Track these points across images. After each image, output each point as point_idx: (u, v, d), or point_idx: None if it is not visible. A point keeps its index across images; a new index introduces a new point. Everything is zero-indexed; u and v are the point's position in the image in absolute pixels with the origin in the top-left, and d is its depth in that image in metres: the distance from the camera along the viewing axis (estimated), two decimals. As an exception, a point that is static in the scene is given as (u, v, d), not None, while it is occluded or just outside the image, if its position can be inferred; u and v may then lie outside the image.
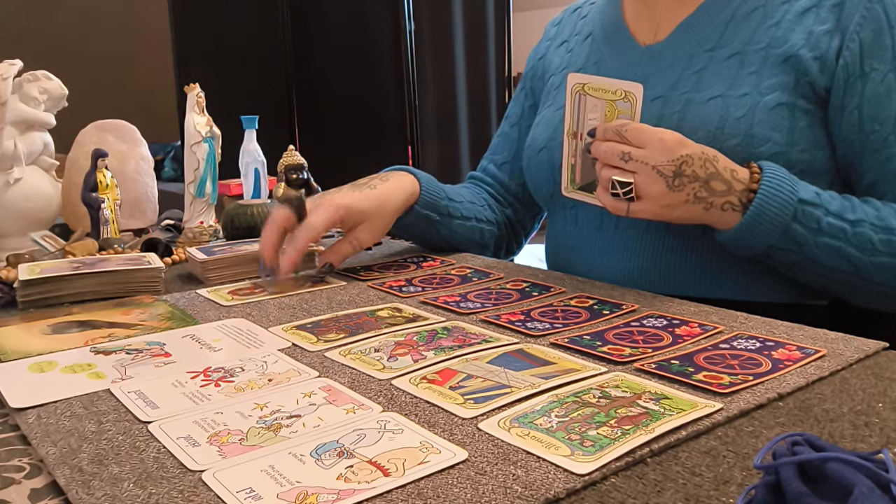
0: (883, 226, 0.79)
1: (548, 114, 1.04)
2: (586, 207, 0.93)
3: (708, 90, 0.86)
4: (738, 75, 0.85)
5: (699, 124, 0.84)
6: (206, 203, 1.15)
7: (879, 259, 0.79)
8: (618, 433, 0.48)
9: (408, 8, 2.59)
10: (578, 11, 1.12)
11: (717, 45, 0.89)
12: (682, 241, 0.87)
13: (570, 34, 1.10)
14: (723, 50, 0.88)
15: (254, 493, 0.43)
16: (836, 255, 0.78)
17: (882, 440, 0.48)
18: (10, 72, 1.13)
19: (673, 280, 0.87)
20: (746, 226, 0.78)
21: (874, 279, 0.79)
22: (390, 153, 2.64)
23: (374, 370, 0.61)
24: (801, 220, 0.77)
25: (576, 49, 1.06)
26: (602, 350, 0.64)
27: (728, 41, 0.88)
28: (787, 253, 0.79)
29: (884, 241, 0.79)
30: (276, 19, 2.54)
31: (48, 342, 0.71)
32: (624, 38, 0.98)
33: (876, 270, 0.79)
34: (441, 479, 0.44)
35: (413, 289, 0.87)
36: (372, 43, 2.61)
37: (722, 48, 0.88)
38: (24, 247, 1.10)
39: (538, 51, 1.16)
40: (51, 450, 0.49)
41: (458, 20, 2.76)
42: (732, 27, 0.89)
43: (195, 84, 1.14)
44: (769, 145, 0.82)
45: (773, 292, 0.86)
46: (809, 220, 0.77)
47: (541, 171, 1.01)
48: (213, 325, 0.76)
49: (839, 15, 0.83)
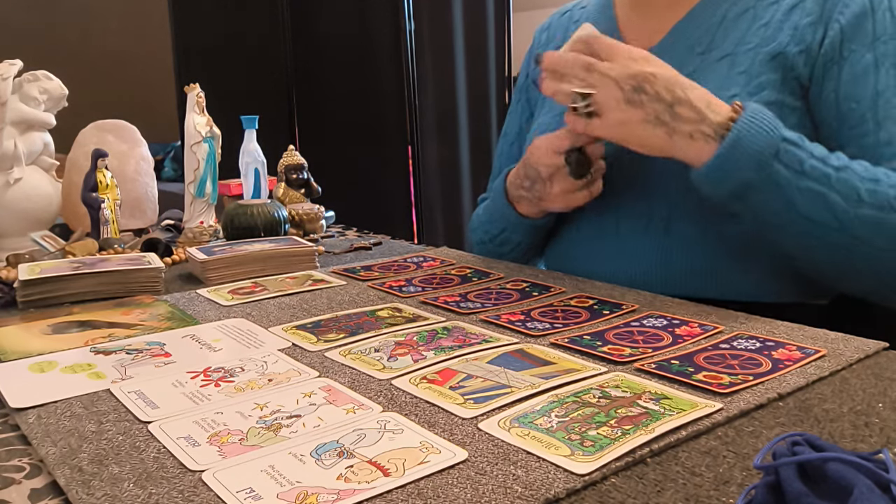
0: (870, 176, 0.74)
1: (545, 120, 1.03)
2: (587, 215, 0.93)
3: None
4: (728, 76, 0.85)
5: None
6: (206, 203, 1.15)
7: (864, 211, 0.72)
8: (618, 433, 0.48)
9: (408, 8, 2.59)
10: (568, 14, 1.12)
11: (709, 48, 0.88)
12: (682, 244, 0.87)
13: (561, 39, 1.09)
14: (714, 52, 0.88)
15: (254, 493, 0.43)
16: (818, 203, 0.72)
17: (882, 440, 0.48)
18: (10, 72, 1.13)
19: (671, 281, 0.87)
20: (723, 156, 0.72)
21: (857, 234, 0.72)
22: (390, 153, 2.64)
23: (374, 370, 0.61)
24: (783, 160, 0.72)
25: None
26: (602, 350, 0.64)
27: (719, 43, 0.88)
28: (766, 196, 0.73)
29: (870, 190, 0.73)
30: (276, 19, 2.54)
31: (48, 342, 0.71)
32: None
33: (860, 224, 0.72)
34: (441, 479, 0.44)
35: (413, 289, 0.87)
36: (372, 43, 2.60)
37: (713, 50, 0.88)
38: (24, 247, 1.10)
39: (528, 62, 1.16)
40: (51, 450, 0.49)
41: (458, 20, 2.75)
42: (723, 29, 0.88)
43: (195, 84, 1.14)
44: None
45: (774, 292, 0.85)
46: (792, 160, 0.72)
47: None
48: (213, 325, 0.76)
49: (823, 5, 0.83)
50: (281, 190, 1.31)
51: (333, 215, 1.35)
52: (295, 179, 1.31)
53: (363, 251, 1.12)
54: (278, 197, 1.30)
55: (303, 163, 1.32)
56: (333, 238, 1.24)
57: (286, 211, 1.17)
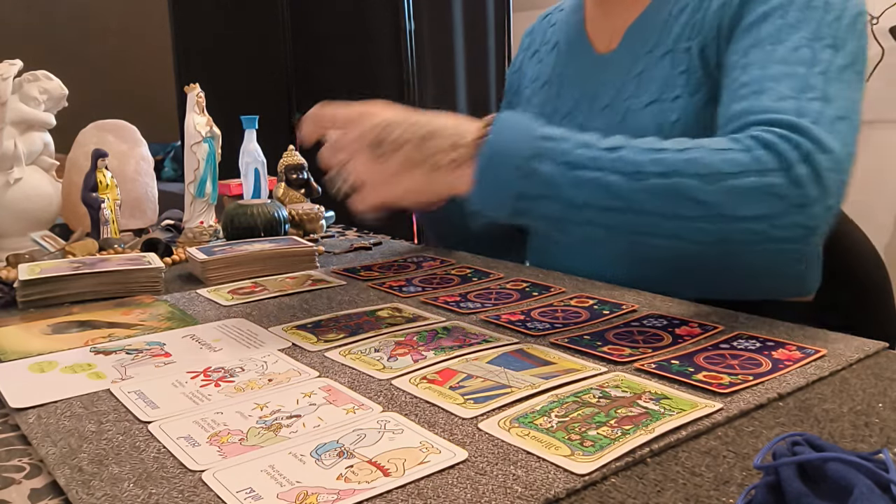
0: (653, 147, 0.66)
1: None
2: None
3: (645, 95, 0.86)
4: (670, 75, 0.85)
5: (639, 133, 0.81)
6: (206, 203, 1.15)
7: (651, 182, 0.64)
8: (618, 433, 0.48)
9: (408, 8, 2.59)
10: (548, 19, 1.12)
11: (655, 46, 0.88)
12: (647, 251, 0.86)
13: (540, 43, 1.10)
14: (658, 49, 0.87)
15: (254, 493, 0.43)
16: (599, 189, 0.64)
17: (882, 440, 0.48)
18: (10, 72, 1.13)
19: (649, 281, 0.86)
20: (481, 172, 0.66)
21: (653, 208, 0.64)
22: (390, 153, 2.64)
23: (374, 370, 0.61)
24: (547, 156, 0.65)
25: (545, 59, 1.06)
26: (602, 350, 0.64)
27: (663, 40, 0.87)
28: (545, 201, 0.66)
29: (654, 160, 0.65)
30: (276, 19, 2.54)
31: (48, 342, 0.71)
32: (584, 46, 0.98)
33: (651, 198, 0.64)
34: (441, 479, 0.44)
35: (413, 289, 0.87)
36: (372, 43, 2.60)
37: (658, 47, 0.87)
38: (24, 247, 1.10)
39: (514, 63, 1.16)
40: (51, 450, 0.49)
41: (458, 20, 2.75)
42: (668, 26, 0.87)
43: (195, 84, 1.14)
44: None
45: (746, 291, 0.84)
46: (556, 155, 0.65)
47: None
48: (213, 325, 0.75)
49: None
50: (281, 190, 1.31)
51: (333, 215, 1.35)
52: (295, 179, 1.31)
53: (363, 251, 1.12)
54: (278, 197, 1.30)
55: (303, 163, 1.32)
56: (333, 238, 1.24)
57: (286, 211, 1.17)
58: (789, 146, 0.65)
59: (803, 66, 0.72)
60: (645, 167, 0.65)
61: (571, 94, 0.98)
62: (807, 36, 0.74)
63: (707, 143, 0.67)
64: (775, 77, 0.72)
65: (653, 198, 0.64)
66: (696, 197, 0.63)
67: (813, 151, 0.65)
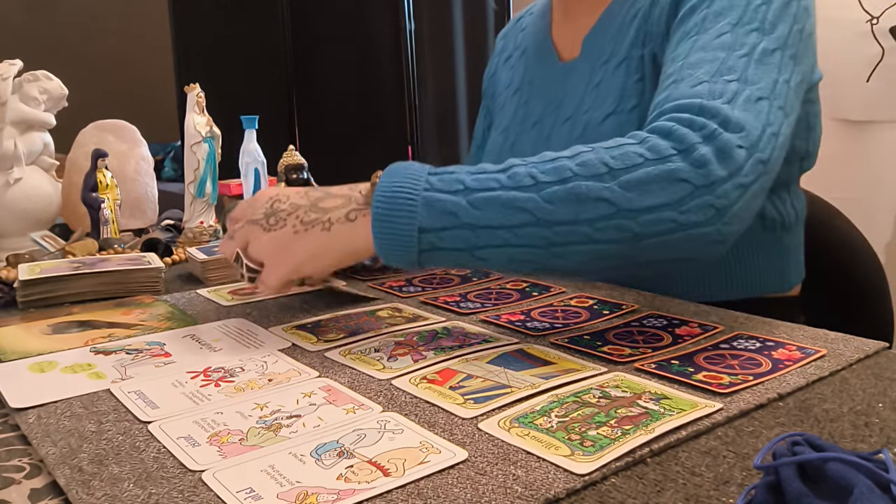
0: (545, 159, 0.65)
1: (494, 137, 1.02)
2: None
3: (603, 106, 0.85)
4: (625, 85, 0.84)
5: None
6: (206, 203, 1.15)
7: (550, 190, 0.62)
8: (618, 433, 0.48)
9: (408, 8, 2.59)
10: (520, 22, 1.10)
11: (611, 55, 0.87)
12: None
13: (513, 48, 1.08)
14: (613, 59, 0.86)
15: (254, 493, 0.43)
16: (500, 208, 0.62)
17: (882, 440, 0.48)
18: (10, 72, 1.13)
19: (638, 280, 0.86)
20: (377, 217, 0.63)
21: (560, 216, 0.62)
22: (390, 153, 2.64)
23: (374, 370, 0.61)
24: (438, 187, 0.63)
25: (516, 66, 1.05)
26: (602, 350, 0.64)
27: (617, 49, 0.86)
28: (447, 233, 0.63)
29: (548, 170, 0.63)
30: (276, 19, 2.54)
31: (48, 342, 0.71)
32: (549, 53, 0.97)
33: (554, 207, 0.61)
34: (441, 479, 0.44)
35: (413, 289, 0.87)
36: (372, 43, 2.61)
37: (613, 57, 0.86)
38: (24, 247, 1.10)
39: (490, 67, 1.14)
40: (51, 450, 0.49)
41: (458, 20, 2.75)
42: (621, 34, 0.87)
43: (195, 84, 1.14)
44: None
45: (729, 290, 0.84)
46: (449, 183, 0.63)
47: None
48: (213, 325, 0.75)
49: None
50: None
51: (333, 215, 1.35)
52: (295, 179, 1.31)
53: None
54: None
55: (303, 163, 1.32)
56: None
57: (286, 211, 1.17)
58: (690, 129, 0.64)
59: (724, 51, 0.70)
60: (540, 178, 0.62)
61: (538, 102, 0.97)
62: (731, 21, 0.72)
63: (602, 144, 0.65)
64: (694, 64, 0.71)
65: (556, 206, 0.61)
66: (597, 196, 0.61)
67: (718, 130, 0.63)
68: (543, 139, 0.93)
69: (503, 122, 1.01)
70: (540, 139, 0.93)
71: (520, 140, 0.97)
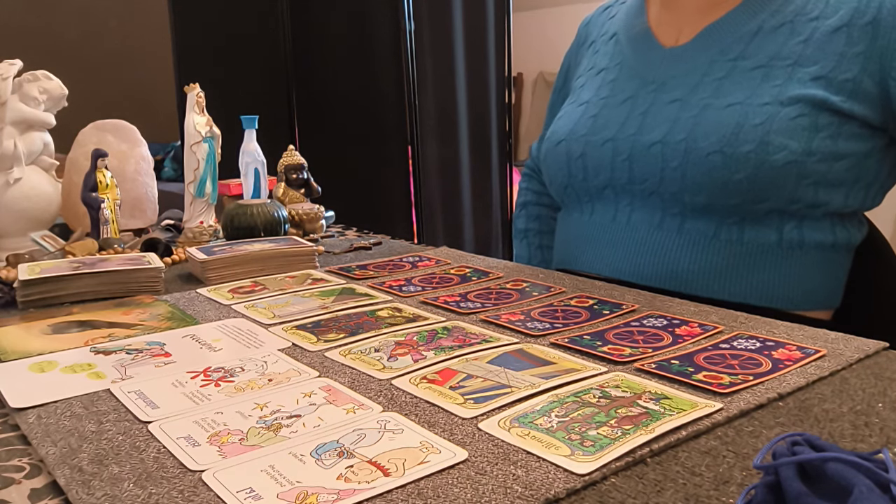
0: None
1: (570, 109, 1.05)
2: (602, 198, 0.95)
3: (728, 97, 0.86)
4: (760, 86, 0.85)
5: (713, 128, 0.84)
6: (206, 203, 1.15)
7: None
8: (618, 433, 0.48)
9: (408, 8, 2.59)
10: (608, 11, 1.14)
11: (742, 56, 0.88)
12: (693, 241, 0.87)
13: (597, 35, 1.12)
14: (747, 61, 0.88)
15: (254, 493, 0.43)
16: None
17: (882, 440, 0.48)
18: (10, 72, 1.13)
19: (679, 278, 0.87)
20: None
21: None
22: (390, 153, 2.64)
23: (374, 370, 0.61)
24: None
25: (601, 50, 1.08)
26: (602, 350, 0.64)
27: (753, 53, 0.88)
28: None
29: None
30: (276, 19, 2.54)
31: (48, 342, 0.71)
32: (647, 39, 0.99)
33: None
34: (441, 479, 0.44)
35: (413, 288, 0.87)
36: (372, 43, 2.60)
37: (746, 59, 0.88)
38: (24, 247, 1.10)
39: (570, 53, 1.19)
40: (51, 450, 0.49)
41: (458, 20, 2.75)
42: (759, 40, 0.88)
43: (195, 84, 1.14)
44: (784, 153, 0.81)
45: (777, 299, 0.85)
46: None
47: (557, 163, 1.02)
48: (213, 325, 0.75)
49: (873, 34, 0.82)
50: (281, 190, 1.31)
51: (333, 215, 1.35)
52: (295, 179, 1.31)
53: (363, 251, 1.12)
54: (278, 197, 1.30)
55: (303, 163, 1.32)
56: (333, 238, 1.24)
57: (286, 211, 1.17)
58: None
59: None
60: None
61: (631, 82, 0.99)
62: None
63: None
64: None
65: None
66: None
67: None
68: (638, 114, 0.95)
69: (582, 97, 1.04)
70: (633, 114, 0.95)
71: (603, 113, 0.99)
